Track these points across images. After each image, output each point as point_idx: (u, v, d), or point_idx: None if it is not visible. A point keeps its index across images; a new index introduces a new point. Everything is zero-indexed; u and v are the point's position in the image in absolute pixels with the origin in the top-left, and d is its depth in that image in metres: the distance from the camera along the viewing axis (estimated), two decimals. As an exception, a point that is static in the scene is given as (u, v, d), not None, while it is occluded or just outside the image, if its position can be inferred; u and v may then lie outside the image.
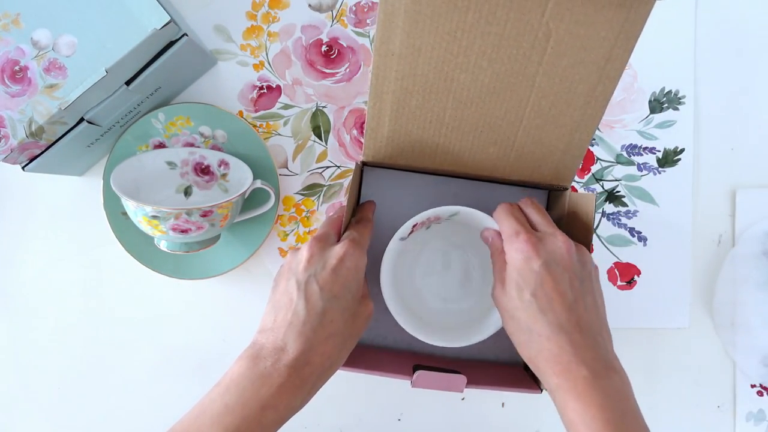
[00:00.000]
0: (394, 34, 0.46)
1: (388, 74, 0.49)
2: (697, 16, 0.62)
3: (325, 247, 0.49)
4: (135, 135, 0.60)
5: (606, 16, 0.44)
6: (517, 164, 0.54)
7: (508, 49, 0.46)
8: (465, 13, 0.45)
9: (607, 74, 0.47)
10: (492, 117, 0.51)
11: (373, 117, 0.52)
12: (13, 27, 0.50)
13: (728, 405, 0.63)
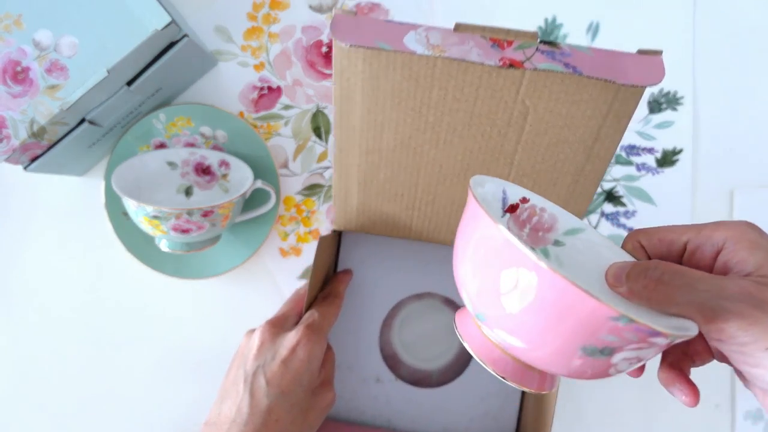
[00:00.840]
0: (354, 110, 0.44)
1: (352, 148, 0.46)
2: (695, 17, 0.63)
3: (278, 333, 0.46)
4: (136, 135, 0.60)
5: (591, 94, 0.41)
6: None
7: (481, 127, 0.43)
8: (429, 90, 0.42)
9: (597, 154, 0.43)
10: (467, 194, 0.47)
11: (340, 188, 0.50)
12: (15, 28, 0.50)
13: (726, 404, 0.63)
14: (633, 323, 0.27)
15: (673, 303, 0.30)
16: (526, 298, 0.28)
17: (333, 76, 0.42)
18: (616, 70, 0.39)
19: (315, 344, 0.45)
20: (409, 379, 0.60)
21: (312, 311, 0.49)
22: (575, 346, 0.28)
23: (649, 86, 0.39)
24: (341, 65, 0.41)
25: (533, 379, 0.32)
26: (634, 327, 0.27)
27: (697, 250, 0.32)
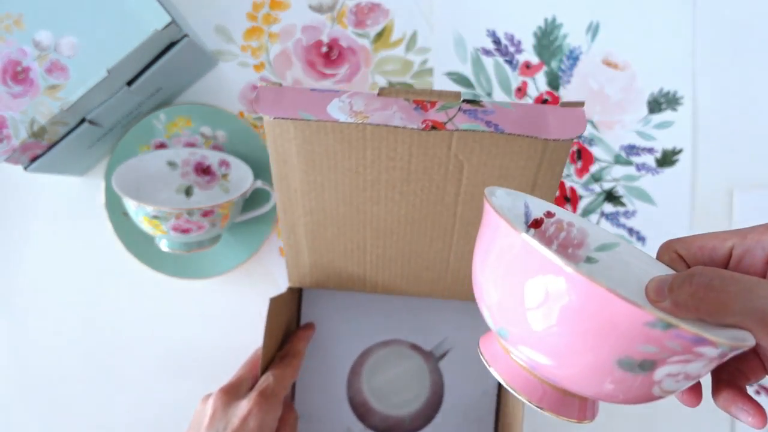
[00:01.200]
0: (292, 172, 0.44)
1: (295, 209, 0.47)
2: (695, 17, 0.63)
3: (230, 401, 0.45)
4: (136, 135, 0.60)
5: (521, 146, 0.41)
6: (460, 287, 0.50)
7: (419, 182, 0.44)
8: (362, 151, 0.42)
9: (538, 194, 0.43)
10: (417, 245, 0.48)
11: (290, 246, 0.50)
12: (15, 28, 0.50)
13: (726, 404, 0.63)
14: (673, 329, 0.24)
15: (729, 312, 0.26)
16: (552, 307, 0.25)
17: (267, 142, 0.43)
18: (538, 125, 0.39)
19: (267, 413, 0.44)
20: (381, 427, 0.59)
21: (267, 375, 0.47)
22: (610, 360, 0.25)
23: (572, 139, 0.40)
24: (273, 133, 0.42)
25: (572, 407, 0.29)
26: (675, 334, 0.24)
27: (746, 256, 0.29)
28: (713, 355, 0.25)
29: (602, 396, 0.27)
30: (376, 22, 0.62)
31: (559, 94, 0.63)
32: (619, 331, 0.24)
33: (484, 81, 0.62)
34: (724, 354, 0.26)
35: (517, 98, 0.63)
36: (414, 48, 0.62)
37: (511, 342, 0.28)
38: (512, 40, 0.62)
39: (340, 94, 0.41)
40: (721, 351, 0.25)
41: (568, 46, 0.62)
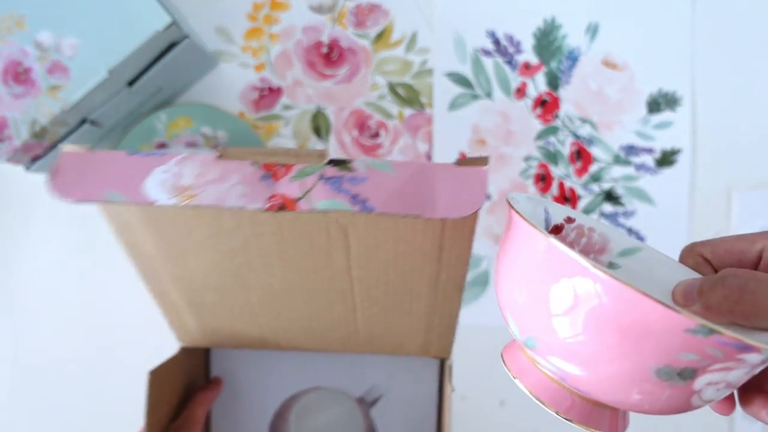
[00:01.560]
0: (141, 239, 0.37)
1: (159, 275, 0.40)
2: (694, 17, 0.63)
3: None
4: (137, 136, 0.60)
5: (406, 225, 0.33)
6: (378, 342, 0.45)
7: (298, 248, 0.36)
8: (218, 217, 0.34)
9: (446, 262, 0.36)
10: (315, 308, 0.41)
11: (167, 310, 0.45)
12: (17, 29, 0.50)
13: (725, 403, 0.63)
14: (716, 335, 0.23)
15: (763, 312, 0.25)
16: (581, 313, 0.24)
17: (98, 205, 0.33)
18: (423, 198, 0.30)
19: None
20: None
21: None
22: (647, 369, 0.24)
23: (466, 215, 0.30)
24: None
25: (603, 419, 0.27)
26: (718, 340, 0.23)
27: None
28: (756, 362, 0.24)
29: (636, 407, 0.26)
30: (376, 23, 0.62)
31: (558, 95, 0.63)
32: (656, 338, 0.23)
33: (483, 81, 0.63)
34: (766, 360, 0.24)
35: (516, 98, 0.63)
36: (414, 48, 0.63)
37: (539, 352, 0.26)
38: (512, 41, 0.63)
39: (166, 159, 0.31)
40: (765, 357, 0.24)
41: (568, 47, 0.63)
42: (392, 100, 0.63)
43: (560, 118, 0.63)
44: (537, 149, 0.63)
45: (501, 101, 0.63)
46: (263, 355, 0.54)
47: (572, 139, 0.63)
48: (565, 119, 0.63)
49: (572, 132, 0.63)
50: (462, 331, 0.64)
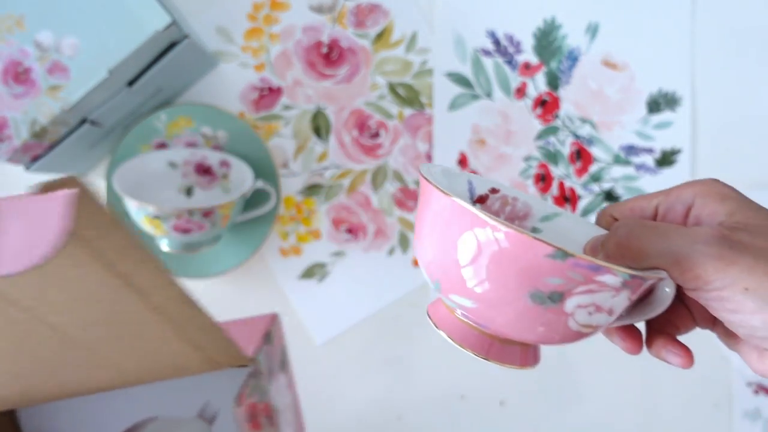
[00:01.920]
0: None
1: None
2: (694, 17, 0.63)
3: None
4: (137, 135, 0.60)
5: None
6: (146, 373, 0.41)
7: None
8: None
9: (140, 287, 0.30)
10: (41, 363, 0.35)
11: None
12: (17, 29, 0.50)
13: (724, 403, 0.63)
14: (570, 258, 0.26)
15: (647, 255, 0.28)
16: (467, 249, 0.27)
17: None
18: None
19: None
20: None
21: None
22: (522, 295, 0.27)
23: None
24: None
25: (514, 355, 0.30)
26: (573, 263, 0.26)
27: (669, 212, 0.31)
28: (616, 284, 0.27)
29: (532, 336, 0.29)
30: (376, 23, 0.62)
31: (558, 95, 0.63)
32: (525, 266, 0.26)
33: (483, 81, 0.63)
34: (629, 284, 0.27)
35: (516, 98, 0.63)
36: (414, 48, 0.63)
37: (443, 292, 0.30)
38: (512, 41, 0.63)
39: None
40: (623, 279, 0.26)
41: (568, 47, 0.63)
42: (392, 100, 0.63)
43: (560, 118, 0.63)
44: (537, 149, 0.63)
45: (501, 101, 0.63)
46: (78, 402, 0.50)
47: (572, 139, 0.63)
48: (565, 119, 0.63)
49: (572, 132, 0.63)
50: (462, 331, 0.64)
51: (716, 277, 0.26)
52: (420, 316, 0.63)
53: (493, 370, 0.65)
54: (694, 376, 0.64)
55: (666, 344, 0.31)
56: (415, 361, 0.64)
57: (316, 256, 0.63)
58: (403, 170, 0.63)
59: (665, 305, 0.29)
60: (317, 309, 0.63)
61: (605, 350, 0.63)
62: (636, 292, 0.28)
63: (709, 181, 0.30)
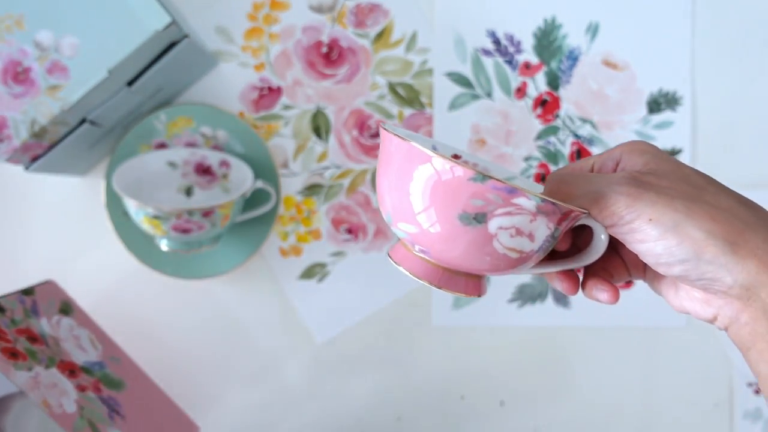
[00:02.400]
0: None
1: None
2: (694, 17, 0.63)
3: None
4: (137, 135, 0.60)
5: None
6: None
7: None
8: None
9: None
10: None
11: None
12: (16, 29, 0.50)
13: (725, 403, 0.63)
14: (489, 180, 0.29)
15: (574, 197, 0.32)
16: (414, 182, 0.31)
17: None
18: None
19: None
20: None
21: None
22: (453, 216, 0.30)
23: None
24: None
25: (459, 284, 0.34)
26: (492, 185, 0.29)
27: (602, 168, 0.35)
28: (531, 208, 0.30)
29: (467, 261, 0.32)
30: (376, 23, 0.62)
31: (558, 94, 0.63)
32: (455, 190, 0.30)
33: (483, 81, 0.63)
34: (542, 209, 0.30)
35: (516, 98, 0.63)
36: (414, 48, 0.62)
37: (409, 240, 0.33)
38: (512, 41, 0.63)
39: None
40: (536, 203, 0.30)
41: (568, 47, 0.63)
42: (392, 100, 0.63)
43: (561, 117, 0.63)
44: (537, 149, 0.63)
45: (501, 101, 0.63)
46: None
47: (573, 139, 0.63)
48: (566, 119, 0.63)
49: (573, 132, 0.63)
50: (461, 331, 0.64)
51: (627, 211, 0.31)
52: (420, 316, 0.63)
53: (494, 370, 0.65)
54: (695, 376, 0.64)
55: (596, 284, 0.35)
56: (415, 361, 0.64)
57: (316, 257, 0.63)
58: (403, 170, 0.63)
59: (600, 251, 0.33)
60: (317, 309, 0.63)
61: (605, 351, 0.63)
62: (553, 221, 0.31)
63: (637, 140, 0.34)
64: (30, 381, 0.45)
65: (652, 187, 0.31)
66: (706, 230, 0.30)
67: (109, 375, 0.53)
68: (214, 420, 0.63)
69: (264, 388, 0.64)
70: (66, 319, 0.54)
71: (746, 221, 0.31)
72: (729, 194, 0.32)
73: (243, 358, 0.63)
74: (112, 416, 0.49)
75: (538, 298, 0.63)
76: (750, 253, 0.30)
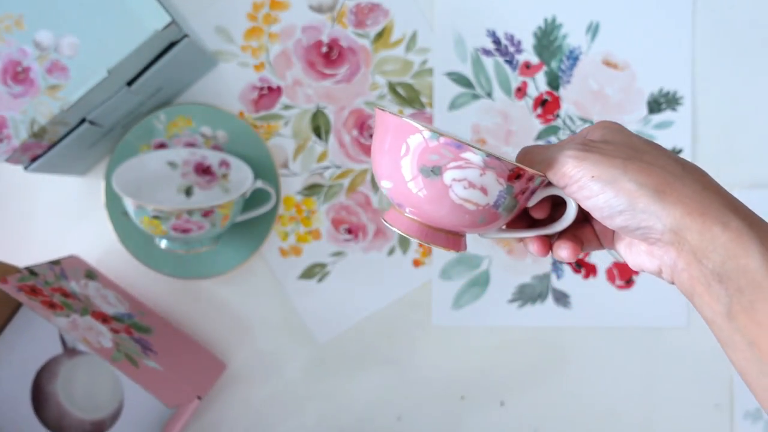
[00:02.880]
0: None
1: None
2: (695, 17, 0.63)
3: None
4: (136, 135, 0.60)
5: None
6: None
7: None
8: None
9: None
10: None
11: None
12: (16, 28, 0.50)
13: (726, 403, 0.63)
14: (442, 137, 0.34)
15: (533, 164, 0.37)
16: (383, 140, 0.36)
17: None
18: None
19: None
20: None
21: None
22: (416, 171, 0.35)
23: None
24: None
25: (441, 239, 0.38)
26: (444, 142, 0.34)
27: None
28: (479, 162, 0.34)
29: (436, 212, 0.36)
30: (376, 22, 0.62)
31: (559, 94, 0.63)
32: (420, 150, 0.35)
33: (484, 81, 0.63)
34: (489, 163, 0.34)
35: (517, 98, 0.63)
36: (414, 48, 0.62)
37: (401, 204, 0.37)
38: (512, 40, 0.63)
39: None
40: (481, 157, 0.34)
41: (568, 46, 0.63)
42: (392, 100, 0.63)
43: (561, 117, 0.63)
44: (537, 149, 0.63)
45: (501, 101, 0.63)
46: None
47: (573, 139, 0.63)
48: (566, 119, 0.63)
49: (573, 132, 0.63)
50: (462, 331, 0.64)
51: (574, 171, 0.34)
52: (420, 316, 0.63)
53: (494, 370, 0.65)
54: (695, 376, 0.64)
55: (561, 243, 0.38)
56: (415, 361, 0.64)
57: (316, 257, 0.63)
58: (403, 170, 0.63)
59: (570, 219, 0.37)
60: (317, 309, 0.63)
61: (606, 351, 0.63)
62: (503, 176, 0.35)
63: (606, 120, 0.38)
64: (69, 324, 0.49)
65: (598, 149, 0.35)
66: (638, 182, 0.33)
67: (138, 323, 0.57)
68: (214, 420, 0.63)
69: (264, 388, 0.63)
70: (92, 282, 0.58)
71: (675, 174, 0.34)
72: (668, 156, 0.35)
73: (243, 358, 0.63)
74: (146, 352, 0.53)
75: (538, 298, 0.63)
76: (677, 200, 0.33)
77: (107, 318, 0.55)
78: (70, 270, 0.57)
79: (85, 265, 0.60)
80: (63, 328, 0.48)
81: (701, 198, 0.34)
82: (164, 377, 0.51)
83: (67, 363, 0.60)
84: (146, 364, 0.52)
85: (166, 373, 0.52)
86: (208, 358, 0.61)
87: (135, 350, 0.52)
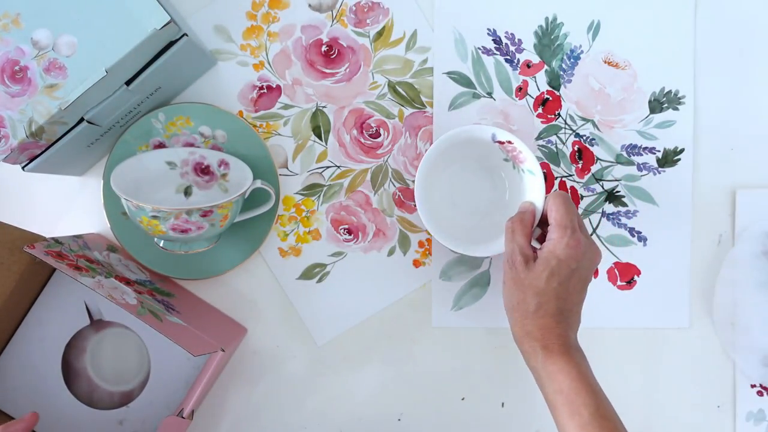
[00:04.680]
0: None
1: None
2: (696, 16, 0.62)
3: None
4: (135, 135, 0.60)
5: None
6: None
7: None
8: None
9: None
10: None
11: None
12: (13, 27, 0.50)
13: (728, 405, 0.63)
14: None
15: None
16: None
17: None
18: None
19: None
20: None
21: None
22: None
23: None
24: None
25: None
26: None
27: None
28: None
29: None
30: (376, 21, 0.62)
31: (559, 94, 0.62)
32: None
33: (484, 80, 0.62)
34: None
35: (517, 97, 0.62)
36: (414, 47, 0.62)
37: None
38: (513, 39, 0.62)
39: None
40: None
41: (569, 46, 0.62)
42: (392, 99, 0.62)
43: (562, 117, 0.62)
44: (538, 149, 0.63)
45: (502, 100, 0.62)
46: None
47: (574, 139, 0.63)
48: (567, 118, 0.63)
49: (574, 131, 0.63)
50: (462, 332, 0.64)
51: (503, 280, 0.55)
52: (420, 316, 0.63)
53: (494, 371, 0.64)
54: (698, 378, 0.63)
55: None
56: (415, 361, 0.63)
57: (316, 257, 0.63)
58: (403, 170, 0.63)
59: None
60: (317, 309, 0.63)
61: (607, 351, 0.63)
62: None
63: (558, 192, 0.53)
64: (95, 283, 0.51)
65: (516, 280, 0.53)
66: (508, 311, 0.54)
67: (160, 288, 0.59)
68: (214, 420, 0.63)
69: (264, 388, 0.63)
70: (114, 254, 0.60)
71: (528, 312, 0.53)
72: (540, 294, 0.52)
73: (243, 358, 0.63)
74: (169, 311, 0.54)
75: (539, 298, 0.63)
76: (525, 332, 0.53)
77: (130, 282, 0.56)
78: (92, 243, 0.59)
79: (107, 240, 0.62)
80: (89, 286, 0.50)
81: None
82: (188, 331, 0.53)
83: (94, 338, 0.61)
84: (170, 319, 0.53)
85: (190, 327, 0.54)
86: (230, 321, 0.62)
87: (159, 308, 0.54)
